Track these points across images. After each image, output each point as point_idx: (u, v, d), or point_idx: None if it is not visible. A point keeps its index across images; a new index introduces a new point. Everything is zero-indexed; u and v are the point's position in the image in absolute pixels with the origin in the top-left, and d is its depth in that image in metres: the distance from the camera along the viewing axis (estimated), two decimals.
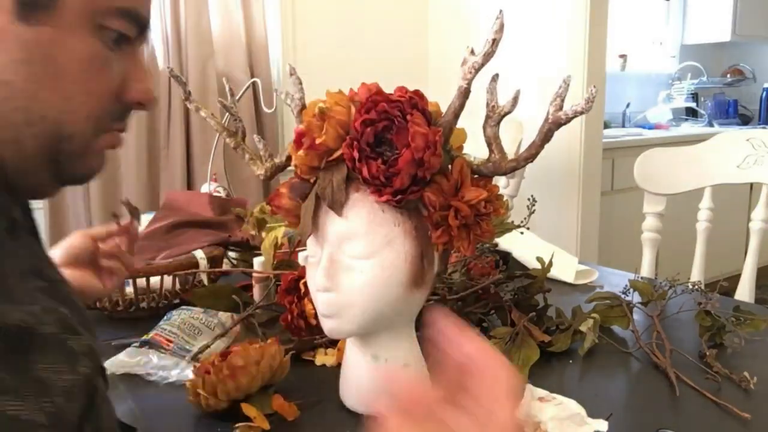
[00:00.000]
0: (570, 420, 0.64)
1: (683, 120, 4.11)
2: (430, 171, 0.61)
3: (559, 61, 2.51)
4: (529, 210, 1.01)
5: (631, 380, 0.83)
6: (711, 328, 0.88)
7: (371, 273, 0.64)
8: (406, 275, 0.64)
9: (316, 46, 2.67)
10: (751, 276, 1.28)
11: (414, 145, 0.60)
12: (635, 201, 1.70)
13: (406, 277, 0.65)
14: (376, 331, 0.69)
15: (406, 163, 0.60)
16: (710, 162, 1.39)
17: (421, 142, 0.60)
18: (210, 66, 2.41)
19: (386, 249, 0.64)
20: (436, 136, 0.61)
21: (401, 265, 0.64)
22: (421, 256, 0.65)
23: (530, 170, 1.90)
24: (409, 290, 0.65)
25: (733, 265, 2.48)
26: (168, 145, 2.40)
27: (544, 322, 0.90)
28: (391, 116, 0.61)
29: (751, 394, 0.74)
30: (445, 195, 0.63)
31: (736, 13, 3.84)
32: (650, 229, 1.43)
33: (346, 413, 0.72)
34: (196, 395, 0.71)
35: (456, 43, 2.95)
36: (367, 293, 0.64)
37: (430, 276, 0.67)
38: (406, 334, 0.71)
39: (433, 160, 0.61)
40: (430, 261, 0.67)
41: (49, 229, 2.30)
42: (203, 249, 1.11)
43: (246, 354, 0.72)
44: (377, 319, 0.66)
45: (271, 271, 1.02)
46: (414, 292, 0.66)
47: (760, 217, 1.30)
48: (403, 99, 0.62)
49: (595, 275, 1.21)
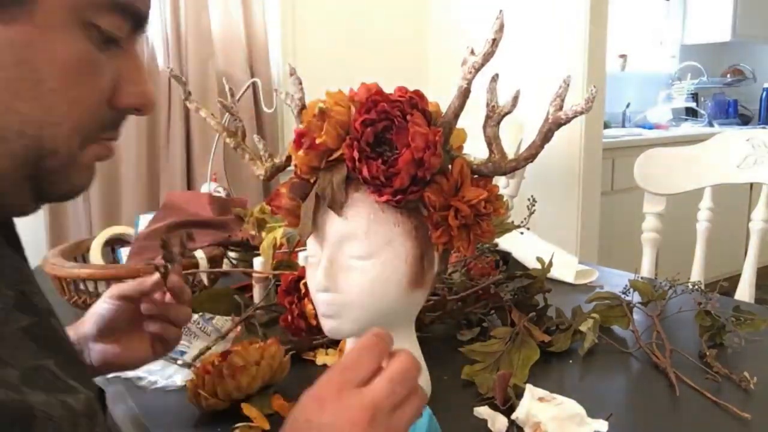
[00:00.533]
0: (570, 420, 0.64)
1: (683, 120, 4.11)
2: (430, 171, 0.61)
3: (559, 61, 2.51)
4: (530, 210, 1.01)
5: (631, 380, 0.83)
6: (711, 328, 0.88)
7: (371, 273, 0.64)
8: (405, 276, 0.64)
9: (316, 46, 2.67)
10: (751, 276, 1.28)
11: (414, 145, 0.60)
12: (635, 201, 1.70)
13: (406, 278, 0.65)
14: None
15: (406, 163, 0.60)
16: (710, 162, 1.38)
17: (421, 142, 0.60)
18: (210, 66, 2.41)
19: (386, 249, 0.64)
20: (436, 136, 0.61)
21: (401, 266, 0.64)
22: (421, 256, 0.65)
23: (530, 170, 1.90)
24: (408, 290, 0.65)
25: (733, 265, 2.48)
26: (168, 145, 2.40)
27: (544, 322, 0.90)
28: (391, 116, 0.61)
29: (751, 394, 0.74)
30: (445, 195, 0.63)
31: (736, 13, 3.84)
32: (650, 229, 1.43)
33: None
34: (196, 395, 0.71)
35: (456, 43, 2.95)
36: (366, 293, 0.64)
37: (430, 276, 0.67)
38: (405, 334, 0.71)
39: (433, 160, 0.61)
40: (430, 261, 0.67)
41: (48, 230, 2.30)
42: (203, 249, 1.11)
43: (246, 354, 0.72)
44: (377, 319, 0.66)
45: (271, 271, 1.02)
46: (414, 293, 0.66)
47: (760, 217, 1.30)
48: (403, 99, 0.62)
49: (595, 275, 1.21)
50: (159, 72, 2.38)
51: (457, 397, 0.75)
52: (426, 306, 0.89)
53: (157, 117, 2.37)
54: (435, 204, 0.62)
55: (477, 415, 0.69)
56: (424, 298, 0.69)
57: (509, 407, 0.70)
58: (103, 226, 2.05)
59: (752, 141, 1.33)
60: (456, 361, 0.81)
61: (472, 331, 0.91)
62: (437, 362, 0.83)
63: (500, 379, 0.72)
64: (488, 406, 0.70)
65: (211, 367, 0.71)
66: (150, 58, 2.36)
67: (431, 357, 0.81)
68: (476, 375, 0.78)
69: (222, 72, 2.48)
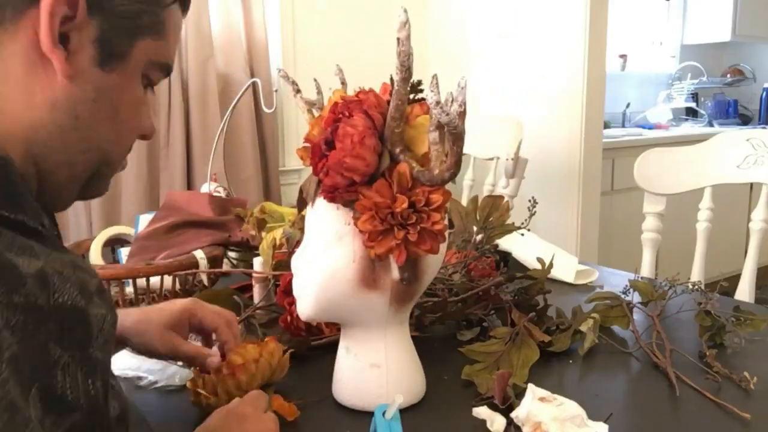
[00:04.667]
0: (571, 421, 0.64)
1: (683, 120, 4.11)
2: (357, 173, 0.61)
3: (559, 61, 2.51)
4: (530, 212, 1.01)
5: (631, 380, 0.83)
6: (711, 328, 0.88)
7: (321, 264, 0.67)
8: (354, 274, 0.66)
9: (316, 46, 2.67)
10: (751, 276, 1.28)
11: (340, 146, 0.61)
12: (635, 201, 1.70)
13: (355, 276, 0.66)
14: (349, 324, 0.72)
15: (333, 163, 0.61)
16: (710, 162, 1.38)
17: (347, 144, 0.61)
18: (210, 66, 2.41)
19: (337, 245, 0.66)
20: (363, 139, 0.60)
21: (349, 263, 0.65)
22: (370, 258, 0.65)
23: (530, 170, 1.90)
24: (361, 290, 0.66)
25: (733, 265, 2.48)
26: (168, 145, 2.39)
27: (544, 322, 0.90)
28: (339, 117, 0.63)
29: (751, 394, 0.74)
30: (377, 198, 0.62)
31: (736, 13, 3.84)
32: (650, 229, 1.43)
33: (345, 413, 0.72)
34: (197, 395, 0.71)
35: (456, 43, 2.95)
36: (315, 283, 0.67)
37: (387, 280, 0.66)
38: (377, 335, 0.71)
39: (356, 162, 0.61)
40: (385, 265, 0.66)
41: None
42: (203, 249, 1.10)
43: (244, 352, 0.72)
44: (331, 310, 0.70)
45: (271, 271, 1.02)
46: (368, 293, 0.67)
47: (760, 217, 1.30)
48: (355, 100, 0.63)
49: (595, 275, 1.21)
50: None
51: (456, 397, 0.75)
52: (426, 307, 0.89)
53: (157, 117, 2.37)
54: (361, 206, 0.62)
55: (476, 415, 0.69)
56: (384, 301, 0.68)
57: (508, 407, 0.70)
58: (103, 226, 2.05)
59: (752, 141, 1.33)
60: (456, 361, 0.81)
61: (472, 331, 0.91)
62: (437, 362, 0.83)
63: (499, 379, 0.72)
64: (487, 406, 0.70)
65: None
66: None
67: (431, 357, 0.81)
68: (476, 375, 0.78)
69: (222, 72, 2.48)
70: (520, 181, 1.78)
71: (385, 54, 2.93)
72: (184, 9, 0.57)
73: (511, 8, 2.67)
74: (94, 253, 1.20)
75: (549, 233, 1.54)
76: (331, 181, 0.62)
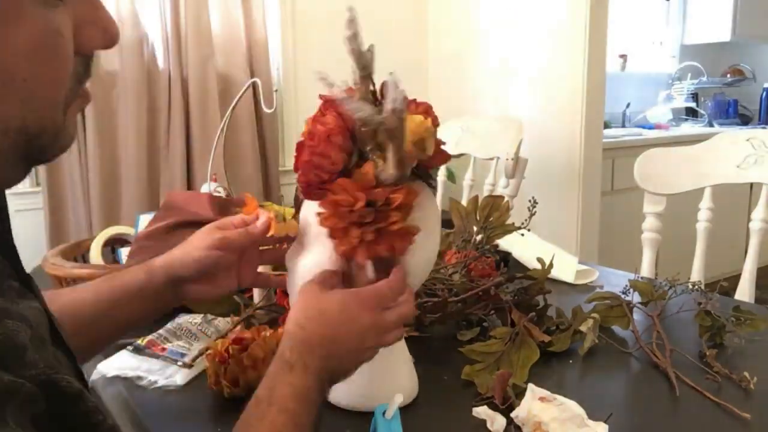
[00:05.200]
0: (571, 421, 0.64)
1: (683, 120, 4.11)
2: (322, 170, 0.62)
3: (559, 61, 2.51)
4: (530, 212, 1.01)
5: (631, 380, 0.83)
6: (711, 328, 0.88)
7: (303, 262, 0.67)
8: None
9: (316, 46, 2.67)
10: (751, 276, 1.28)
11: (309, 144, 0.62)
12: (635, 201, 1.70)
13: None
14: None
15: (304, 161, 0.62)
16: (710, 162, 1.38)
17: (315, 141, 0.61)
18: (210, 66, 2.41)
19: (316, 243, 0.66)
20: (329, 136, 0.61)
21: (326, 262, 0.65)
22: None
23: (530, 170, 1.90)
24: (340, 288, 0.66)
25: (733, 265, 2.48)
26: (168, 145, 2.40)
27: (544, 322, 0.90)
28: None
29: (751, 394, 0.74)
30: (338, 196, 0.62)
31: (736, 13, 3.84)
32: (650, 229, 1.43)
33: (345, 413, 0.72)
34: (217, 383, 0.73)
35: (456, 43, 2.95)
36: (299, 281, 0.67)
37: (363, 282, 0.66)
38: None
39: (322, 160, 0.61)
40: (361, 266, 0.65)
41: (48, 230, 2.30)
42: None
43: (265, 345, 0.74)
44: None
45: (271, 271, 1.02)
46: None
47: (760, 217, 1.30)
48: (330, 98, 0.63)
49: (595, 275, 1.21)
50: (159, 72, 2.38)
51: (456, 397, 0.75)
52: (426, 307, 0.89)
53: (157, 117, 2.37)
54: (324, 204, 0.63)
55: (476, 415, 0.69)
56: None
57: (508, 407, 0.70)
58: (103, 226, 2.05)
59: (752, 141, 1.33)
60: (456, 361, 0.81)
61: (472, 332, 0.91)
62: (437, 362, 0.83)
63: (499, 379, 0.72)
64: (487, 406, 0.70)
65: (228, 356, 0.73)
66: (150, 58, 2.36)
67: (431, 357, 0.80)
68: (476, 375, 0.78)
69: (222, 72, 2.48)
70: (520, 181, 1.78)
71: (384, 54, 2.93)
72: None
73: (512, 8, 2.67)
74: (94, 253, 1.20)
75: (549, 233, 1.54)
76: (304, 178, 0.63)
